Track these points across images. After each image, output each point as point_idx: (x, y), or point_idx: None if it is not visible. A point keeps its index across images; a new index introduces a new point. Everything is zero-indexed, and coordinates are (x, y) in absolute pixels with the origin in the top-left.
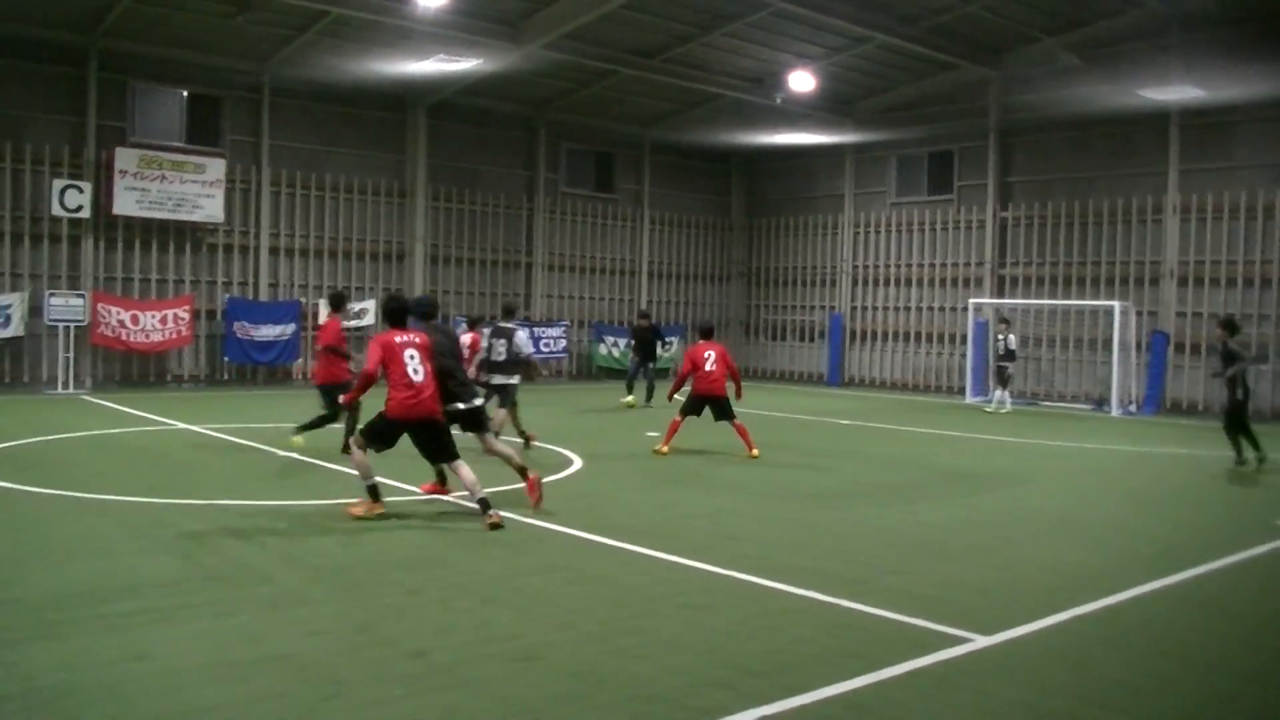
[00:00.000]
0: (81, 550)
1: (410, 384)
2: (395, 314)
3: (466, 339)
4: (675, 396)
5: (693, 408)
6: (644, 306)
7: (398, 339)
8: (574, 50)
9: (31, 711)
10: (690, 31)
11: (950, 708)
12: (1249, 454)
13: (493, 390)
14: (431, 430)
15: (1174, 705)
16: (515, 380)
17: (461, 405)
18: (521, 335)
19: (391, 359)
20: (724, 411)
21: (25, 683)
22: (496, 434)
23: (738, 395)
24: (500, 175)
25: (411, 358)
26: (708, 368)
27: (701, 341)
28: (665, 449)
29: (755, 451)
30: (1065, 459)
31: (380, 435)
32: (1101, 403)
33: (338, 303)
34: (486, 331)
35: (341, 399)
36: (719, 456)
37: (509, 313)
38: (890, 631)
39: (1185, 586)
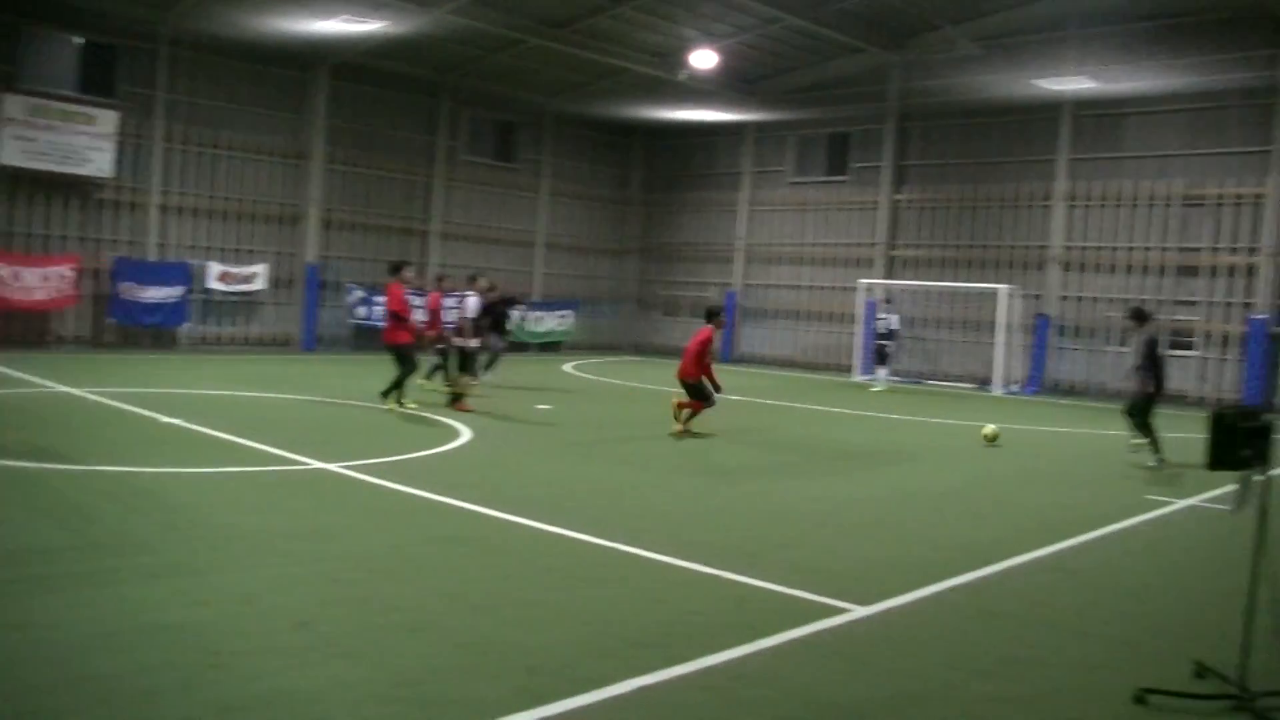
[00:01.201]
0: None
1: None
2: None
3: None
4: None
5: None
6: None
7: None
8: (482, 16)
9: None
10: (600, 4)
11: (827, 675)
12: (1140, 440)
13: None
14: None
15: (1043, 672)
16: (475, 344)
17: None
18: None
19: None
20: (690, 392)
21: None
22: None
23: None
24: (401, 140)
25: None
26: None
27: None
28: (680, 429)
29: (679, 428)
30: (951, 437)
31: None
32: (985, 382)
33: (396, 269)
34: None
35: None
36: (613, 430)
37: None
38: (775, 603)
39: (1059, 558)
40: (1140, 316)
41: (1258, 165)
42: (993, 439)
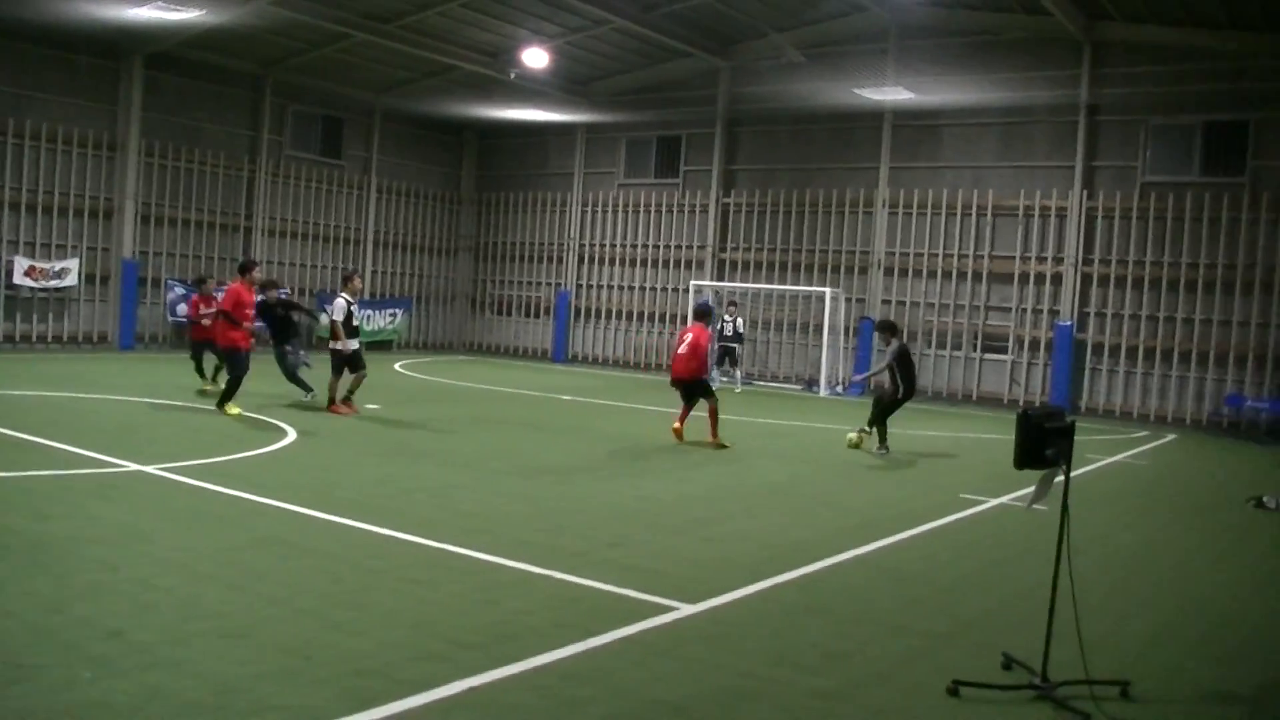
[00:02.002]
0: None
1: None
2: None
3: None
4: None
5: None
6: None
7: None
8: (306, 9)
9: None
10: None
11: (657, 673)
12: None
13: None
14: None
15: (866, 666)
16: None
17: None
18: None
19: None
20: (690, 394)
21: None
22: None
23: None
24: (222, 134)
25: None
26: (680, 350)
27: (692, 323)
28: (679, 426)
29: (715, 440)
30: (779, 437)
31: None
32: (812, 383)
33: (244, 269)
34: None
35: None
36: (443, 431)
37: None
38: (605, 602)
39: (881, 554)
40: (890, 329)
41: (1062, 179)
42: (855, 446)
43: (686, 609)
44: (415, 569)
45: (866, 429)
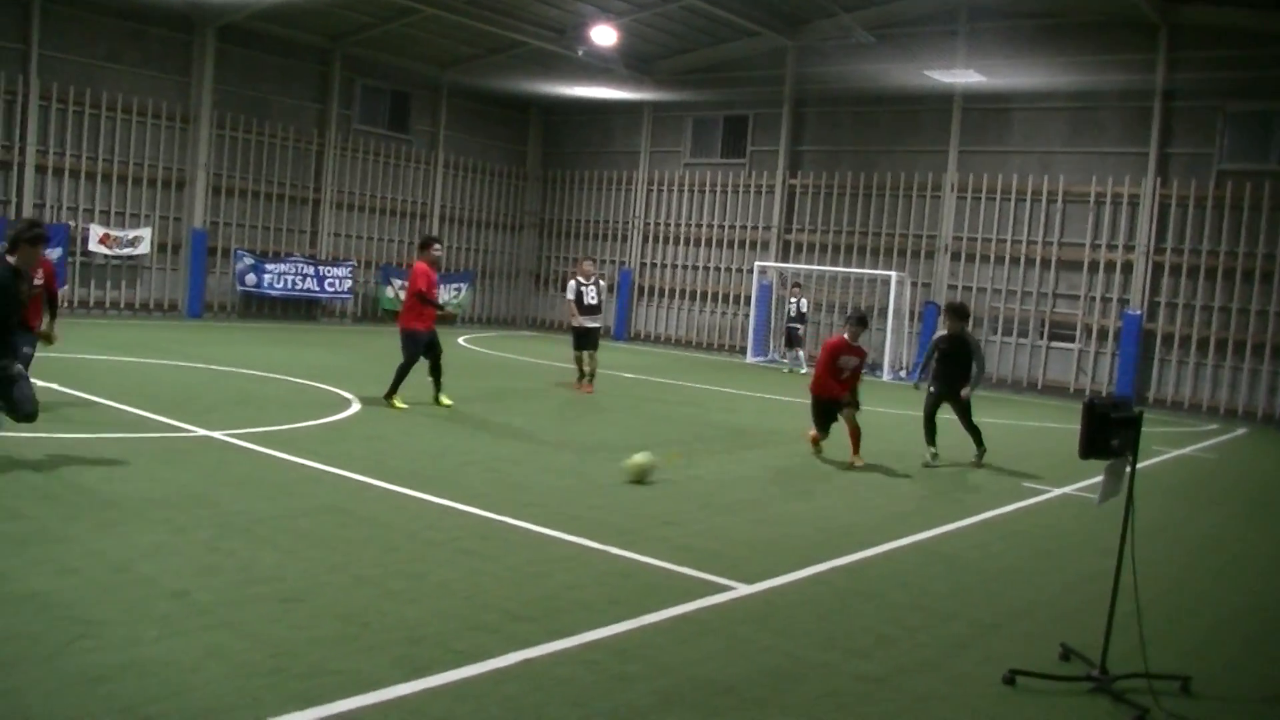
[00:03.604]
0: None
1: None
2: None
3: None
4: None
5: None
6: None
7: None
8: None
9: None
10: None
11: (707, 652)
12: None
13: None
14: None
15: (916, 652)
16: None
17: None
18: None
19: None
20: (832, 414)
21: None
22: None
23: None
24: (292, 107)
25: None
26: (840, 375)
27: (845, 337)
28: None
29: (856, 459)
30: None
31: None
32: (875, 367)
33: (425, 245)
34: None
35: None
36: (503, 404)
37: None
38: (657, 579)
39: (937, 541)
40: (953, 312)
41: (1134, 165)
42: (638, 472)
43: (738, 589)
44: (470, 540)
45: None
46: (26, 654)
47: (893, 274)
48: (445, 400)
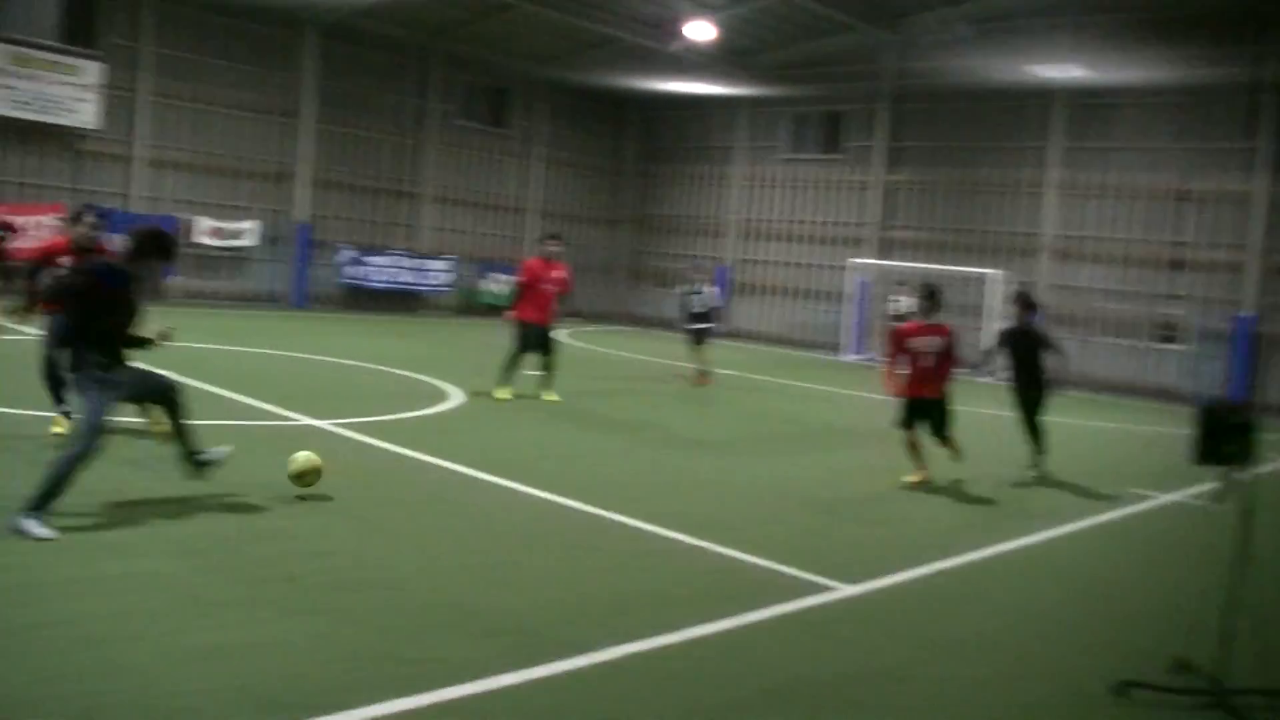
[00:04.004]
0: None
1: None
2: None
3: None
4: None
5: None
6: None
7: None
8: None
9: None
10: None
11: (810, 651)
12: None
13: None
14: None
15: (1023, 658)
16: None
17: None
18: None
19: None
20: (937, 420)
21: None
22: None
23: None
24: (392, 102)
25: None
26: (922, 362)
27: (920, 320)
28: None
29: (921, 475)
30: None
31: None
32: (974, 367)
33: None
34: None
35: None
36: (602, 398)
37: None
38: (760, 577)
39: (1044, 546)
40: (1020, 301)
41: (1245, 162)
42: (303, 475)
43: (840, 589)
44: (573, 533)
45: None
46: (148, 630)
47: (992, 272)
48: (550, 396)
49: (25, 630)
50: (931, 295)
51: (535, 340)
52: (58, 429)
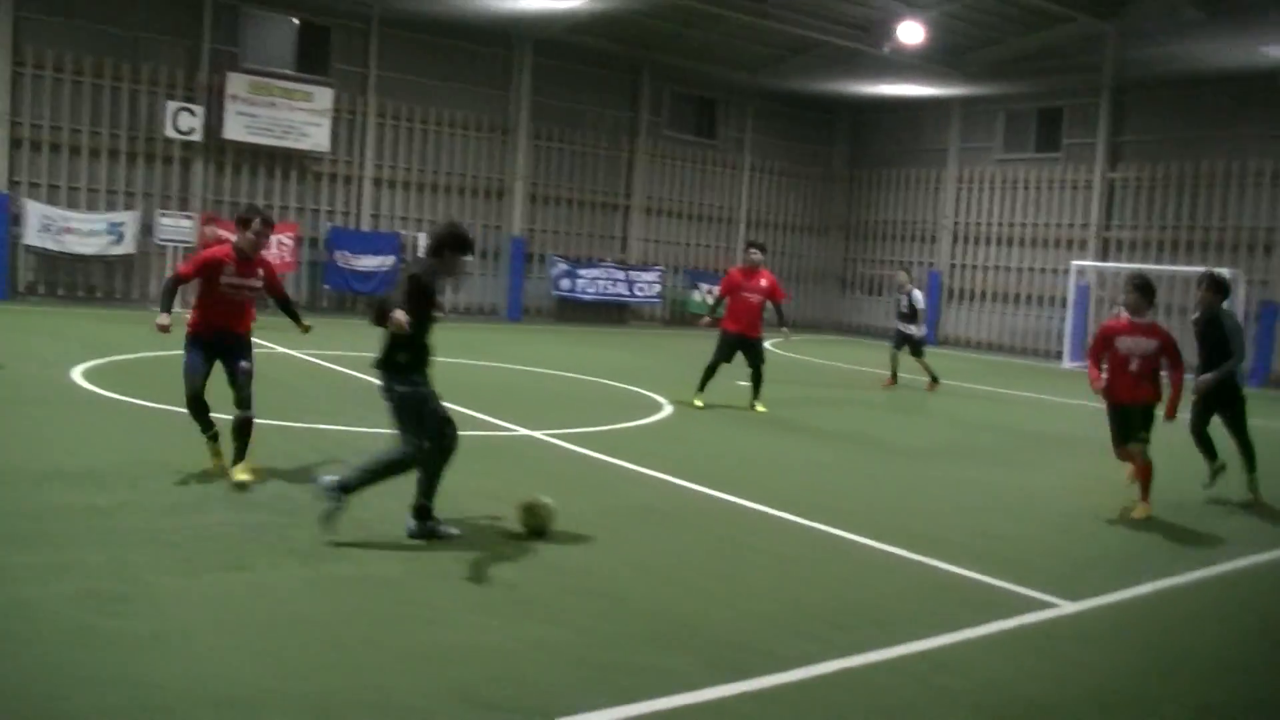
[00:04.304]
0: (188, 464)
1: None
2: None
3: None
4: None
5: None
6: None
7: None
8: None
9: (141, 611)
10: None
11: (1031, 671)
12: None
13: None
14: None
15: (1263, 682)
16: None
17: None
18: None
19: None
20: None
21: (134, 584)
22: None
23: (1168, 413)
24: (602, 116)
25: None
26: (1130, 365)
27: (1128, 316)
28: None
29: (1142, 509)
30: (1164, 428)
31: None
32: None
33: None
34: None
35: None
36: (812, 408)
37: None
38: (977, 593)
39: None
40: (1140, 288)
41: None
42: (532, 517)
43: (1061, 606)
44: (785, 545)
45: (1218, 473)
46: (381, 635)
47: (1225, 271)
48: (760, 407)
49: (263, 627)
50: (1143, 289)
51: (737, 349)
52: None
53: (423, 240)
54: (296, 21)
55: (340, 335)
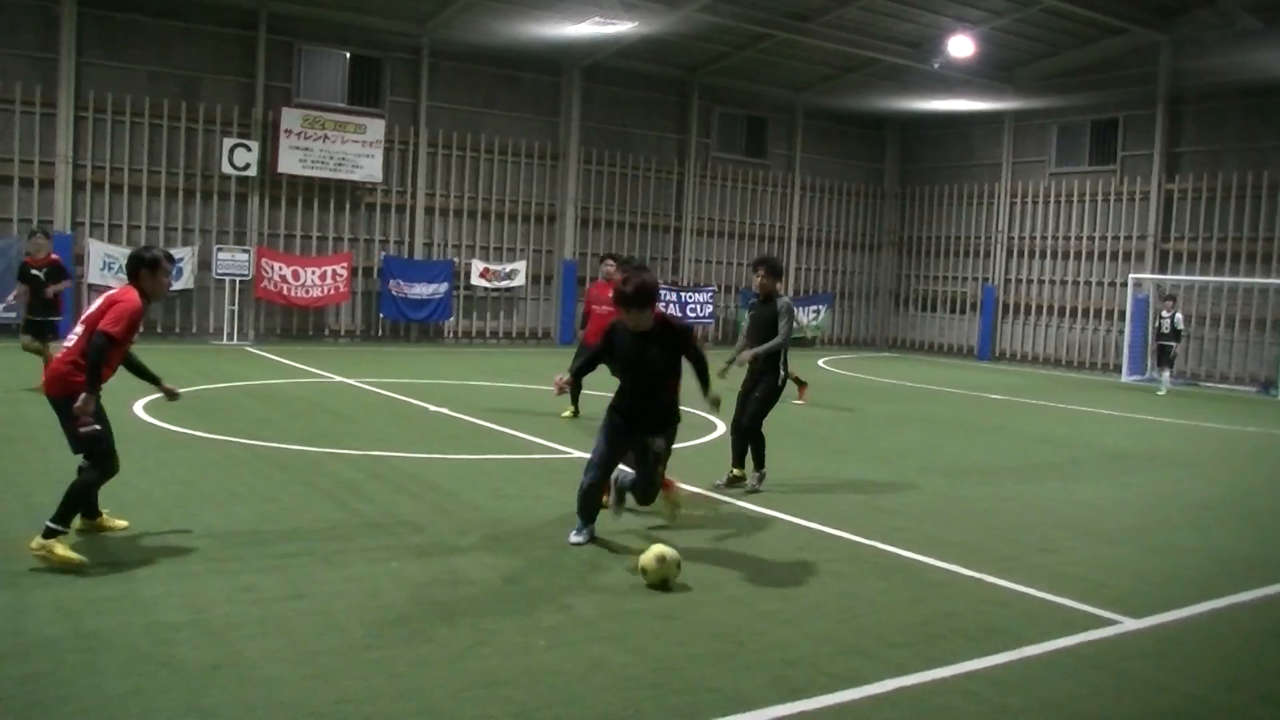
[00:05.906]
0: (246, 494)
1: None
2: None
3: None
4: None
5: None
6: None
7: None
8: (729, 13)
9: (200, 640)
10: None
11: (1094, 689)
12: None
13: None
14: None
15: None
16: None
17: None
18: None
19: None
20: None
21: (195, 613)
22: None
23: None
24: (652, 138)
25: None
26: None
27: None
28: None
29: None
30: (1226, 443)
31: None
32: (1268, 385)
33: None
34: None
35: None
36: (867, 426)
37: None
38: (1037, 609)
39: None
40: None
41: None
42: (658, 572)
43: (1127, 623)
44: (840, 562)
45: None
46: (434, 656)
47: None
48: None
49: (321, 654)
50: None
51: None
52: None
53: (476, 267)
54: (348, 55)
55: (396, 363)
